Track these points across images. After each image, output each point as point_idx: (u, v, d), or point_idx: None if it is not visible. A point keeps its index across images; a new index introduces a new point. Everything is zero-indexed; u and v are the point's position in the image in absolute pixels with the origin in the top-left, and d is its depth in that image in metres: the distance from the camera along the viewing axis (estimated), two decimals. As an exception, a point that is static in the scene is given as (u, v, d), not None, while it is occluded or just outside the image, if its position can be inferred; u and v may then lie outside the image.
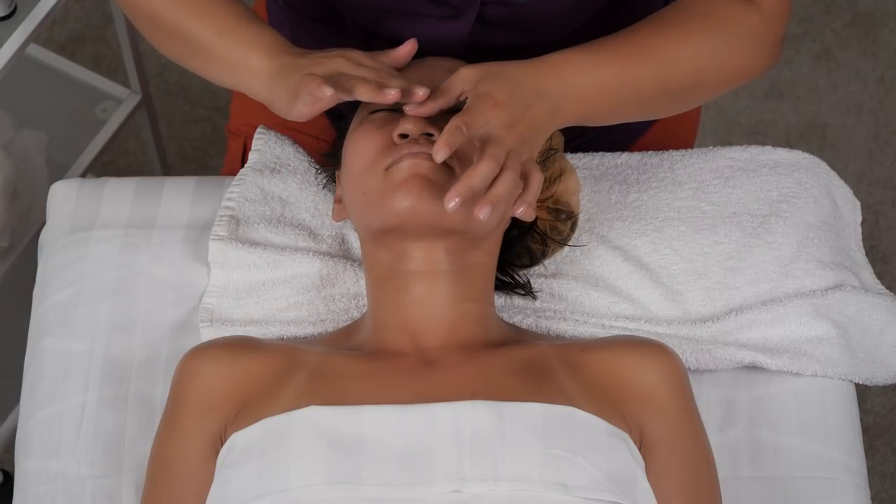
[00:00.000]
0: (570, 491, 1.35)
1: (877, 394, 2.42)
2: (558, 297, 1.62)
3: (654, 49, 1.46)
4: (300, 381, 1.43)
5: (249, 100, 1.66)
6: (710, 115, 2.62)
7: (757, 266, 1.63)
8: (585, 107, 1.43)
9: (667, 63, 1.47)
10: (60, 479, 1.54)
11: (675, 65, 1.47)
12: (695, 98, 1.54)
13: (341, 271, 1.61)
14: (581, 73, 1.43)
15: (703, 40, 1.48)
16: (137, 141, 2.57)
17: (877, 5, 2.71)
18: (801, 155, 1.71)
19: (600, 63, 1.44)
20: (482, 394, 1.40)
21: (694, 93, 1.51)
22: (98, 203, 1.69)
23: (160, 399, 1.56)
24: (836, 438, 1.59)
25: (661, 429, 1.44)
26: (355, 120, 1.49)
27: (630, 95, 1.46)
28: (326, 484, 1.35)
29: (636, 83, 1.46)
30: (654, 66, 1.46)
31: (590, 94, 1.43)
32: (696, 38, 1.48)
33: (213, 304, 1.60)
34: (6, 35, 1.78)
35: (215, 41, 1.48)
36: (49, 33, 2.63)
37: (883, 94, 2.64)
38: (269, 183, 1.66)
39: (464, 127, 1.34)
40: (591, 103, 1.44)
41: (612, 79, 1.44)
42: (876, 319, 1.63)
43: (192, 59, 1.51)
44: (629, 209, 1.67)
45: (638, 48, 1.46)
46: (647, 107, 1.50)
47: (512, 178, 1.35)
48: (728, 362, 1.60)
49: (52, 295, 1.65)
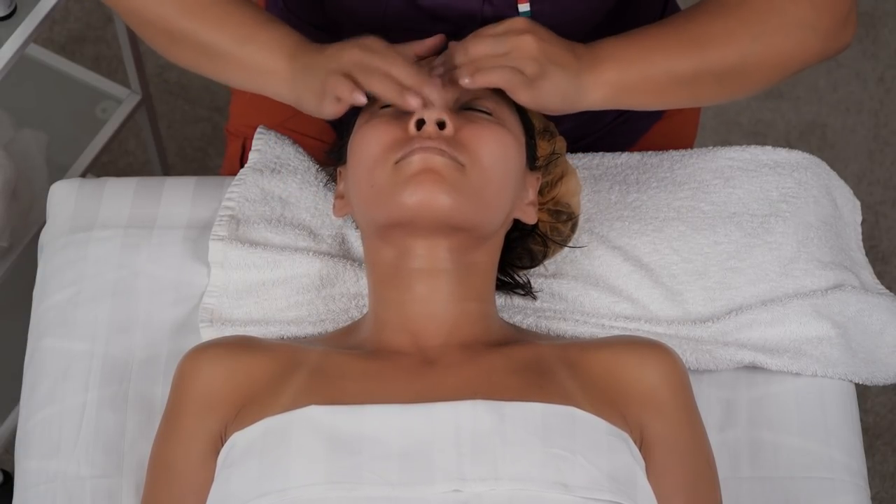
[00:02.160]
0: (571, 490, 1.35)
1: (877, 394, 2.42)
2: (558, 297, 1.62)
3: (686, 30, 1.47)
4: (300, 381, 1.43)
5: (249, 101, 1.67)
6: (710, 115, 2.62)
7: (757, 266, 1.64)
8: (617, 77, 1.45)
9: (701, 42, 1.47)
10: (60, 479, 1.54)
11: (711, 43, 1.47)
12: (745, 81, 1.52)
13: (341, 271, 1.61)
14: (605, 46, 1.46)
15: (737, 23, 1.48)
16: (137, 141, 2.57)
17: (877, 5, 2.71)
18: (801, 155, 1.71)
19: (630, 40, 1.47)
20: (483, 393, 1.40)
21: (741, 75, 1.50)
22: (98, 203, 1.69)
23: (160, 399, 1.56)
24: (836, 438, 1.59)
25: (661, 428, 1.44)
26: (364, 114, 1.49)
27: (667, 78, 1.47)
28: (326, 483, 1.35)
29: (669, 64, 1.46)
30: (687, 44, 1.47)
31: (612, 65, 1.45)
32: (731, 21, 1.48)
33: (213, 304, 1.60)
34: (6, 35, 1.78)
35: (235, 50, 1.49)
36: (49, 33, 2.64)
37: (883, 94, 2.64)
38: (269, 183, 1.66)
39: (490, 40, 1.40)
40: (620, 73, 1.46)
41: (640, 51, 1.46)
42: (876, 319, 1.63)
43: (211, 67, 1.52)
44: (629, 209, 1.67)
45: (671, 31, 1.47)
46: (690, 89, 1.49)
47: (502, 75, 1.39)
48: (728, 362, 1.60)
49: (52, 295, 1.65)
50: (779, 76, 1.52)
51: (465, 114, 1.45)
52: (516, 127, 1.48)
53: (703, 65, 1.47)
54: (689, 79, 1.48)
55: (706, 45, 1.47)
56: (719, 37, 1.47)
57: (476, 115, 1.45)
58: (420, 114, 1.41)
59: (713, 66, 1.48)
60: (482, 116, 1.45)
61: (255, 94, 1.81)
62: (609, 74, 1.45)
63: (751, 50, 1.48)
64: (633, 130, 1.82)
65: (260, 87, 1.49)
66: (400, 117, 1.44)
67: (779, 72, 1.51)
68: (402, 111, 1.44)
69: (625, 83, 1.46)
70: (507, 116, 1.47)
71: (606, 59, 1.45)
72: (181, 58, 1.54)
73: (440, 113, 1.41)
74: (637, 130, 1.82)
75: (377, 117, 1.46)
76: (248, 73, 1.50)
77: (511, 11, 1.56)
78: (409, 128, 1.42)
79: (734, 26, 1.48)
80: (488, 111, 1.46)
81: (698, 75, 1.48)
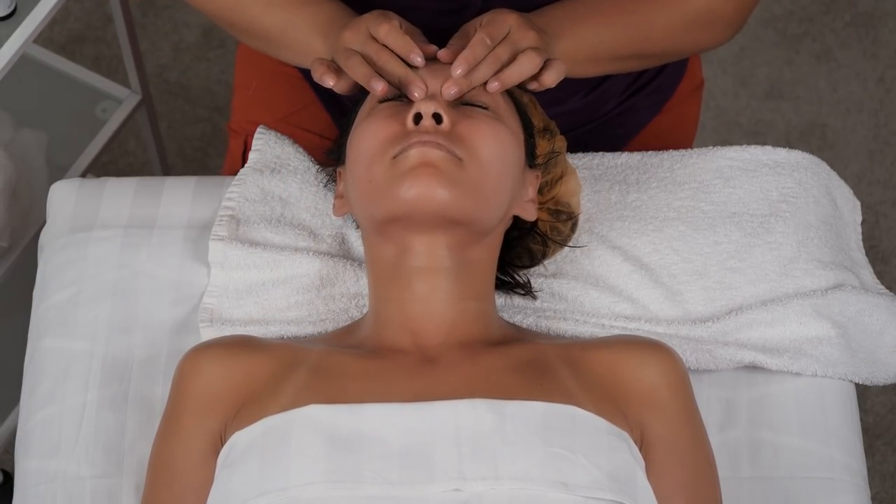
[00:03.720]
0: (571, 490, 1.35)
1: (877, 394, 2.42)
2: (558, 297, 1.62)
3: (635, 16, 1.56)
4: (300, 380, 1.43)
5: (250, 98, 1.68)
6: (710, 115, 2.62)
7: (757, 266, 1.63)
8: (571, 53, 1.52)
9: (645, 33, 1.57)
10: (60, 479, 1.54)
11: (652, 36, 1.58)
12: (657, 62, 1.68)
13: (341, 271, 1.61)
14: (565, 26, 1.53)
15: (677, 17, 1.58)
16: (137, 141, 2.57)
17: (877, 5, 2.71)
18: (801, 155, 1.71)
19: (584, 21, 1.54)
20: (483, 392, 1.40)
21: (660, 59, 1.66)
22: (98, 203, 1.69)
23: (160, 399, 1.56)
24: (836, 438, 1.59)
25: (661, 428, 1.44)
26: (362, 111, 1.49)
27: (606, 55, 1.56)
28: (327, 482, 1.35)
29: (614, 45, 1.56)
30: (634, 31, 1.57)
31: (571, 49, 1.52)
32: (673, 13, 1.58)
33: (213, 304, 1.60)
34: (6, 35, 1.78)
35: (283, 35, 1.56)
36: (49, 33, 2.63)
37: (883, 94, 2.64)
38: (269, 183, 1.66)
39: (487, 39, 1.43)
40: (574, 52, 1.53)
41: (592, 39, 1.54)
42: (876, 319, 1.63)
43: (275, 53, 1.60)
44: (629, 209, 1.67)
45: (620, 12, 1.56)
46: (619, 65, 1.61)
47: (528, 57, 1.43)
48: (728, 362, 1.60)
49: (52, 295, 1.64)
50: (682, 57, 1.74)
51: (462, 108, 1.45)
52: (514, 122, 1.49)
53: (640, 52, 1.59)
54: (624, 60, 1.60)
55: (648, 38, 1.58)
56: (659, 31, 1.59)
57: (473, 110, 1.45)
58: (417, 108, 1.42)
59: (647, 53, 1.60)
60: (480, 111, 1.45)
61: (257, 91, 1.82)
62: (565, 51, 1.52)
63: (681, 39, 1.61)
64: (633, 123, 1.82)
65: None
66: (397, 113, 1.44)
67: (684, 56, 1.72)
68: (399, 107, 1.45)
69: (575, 61, 1.53)
70: (504, 111, 1.47)
71: (564, 37, 1.52)
72: (256, 47, 1.63)
73: (437, 107, 1.41)
74: (637, 123, 1.83)
75: (375, 113, 1.46)
76: (300, 56, 1.56)
77: None
78: (406, 122, 1.42)
79: (675, 19, 1.58)
80: (485, 106, 1.46)
81: (633, 59, 1.60)
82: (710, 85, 2.62)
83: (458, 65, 1.43)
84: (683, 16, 1.58)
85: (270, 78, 1.81)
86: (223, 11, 1.60)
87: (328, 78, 1.46)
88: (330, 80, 1.46)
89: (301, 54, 1.55)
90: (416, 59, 1.44)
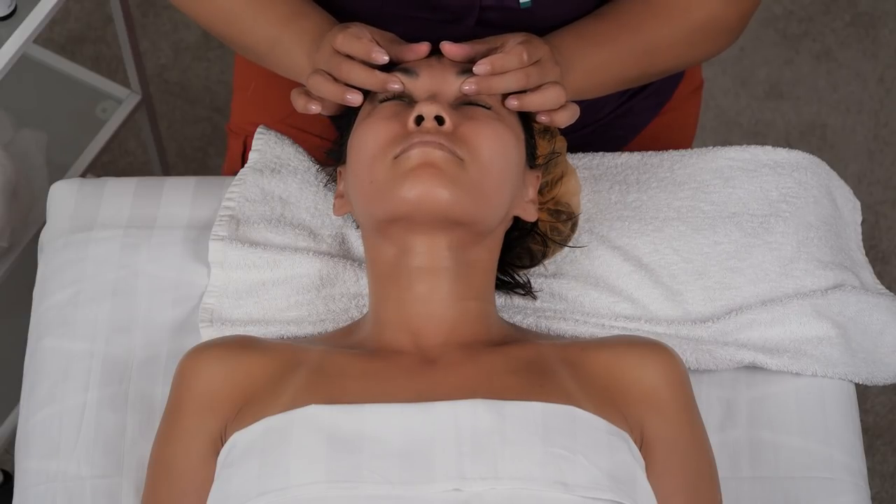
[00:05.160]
0: (571, 490, 1.35)
1: (877, 394, 2.42)
2: (558, 297, 1.62)
3: (641, 36, 1.56)
4: (301, 380, 1.43)
5: (249, 99, 1.68)
6: (710, 115, 2.62)
7: (757, 266, 1.63)
8: (579, 84, 1.52)
9: (650, 54, 1.57)
10: (60, 479, 1.54)
11: (657, 53, 1.58)
12: (659, 77, 1.66)
13: (341, 271, 1.61)
14: (576, 55, 1.52)
15: (681, 31, 1.58)
16: (137, 141, 2.57)
17: (877, 5, 2.71)
18: (801, 155, 1.71)
19: (593, 48, 1.54)
20: (483, 392, 1.40)
21: (662, 75, 1.65)
22: (98, 203, 1.69)
23: (160, 399, 1.56)
24: (836, 438, 1.59)
25: (661, 428, 1.44)
26: (363, 111, 1.49)
27: (615, 78, 1.57)
28: (327, 482, 1.35)
29: (622, 70, 1.56)
30: (640, 53, 1.56)
31: (579, 80, 1.52)
32: (677, 28, 1.58)
33: (213, 304, 1.60)
34: (6, 35, 1.78)
35: (271, 53, 1.56)
36: (49, 33, 2.64)
37: (883, 94, 2.64)
38: (269, 183, 1.66)
39: (525, 55, 1.43)
40: (582, 82, 1.53)
41: (599, 68, 1.54)
42: (876, 319, 1.63)
43: (269, 67, 1.59)
44: (629, 209, 1.67)
45: (626, 34, 1.56)
46: (624, 87, 1.62)
47: (555, 92, 1.44)
48: (728, 362, 1.60)
49: (52, 295, 1.65)
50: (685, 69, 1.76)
51: (464, 109, 1.45)
52: (515, 123, 1.49)
53: (646, 72, 1.59)
54: (630, 81, 1.61)
55: (654, 57, 1.58)
56: (665, 49, 1.58)
57: (475, 111, 1.45)
58: (419, 110, 1.42)
59: (652, 72, 1.61)
60: (481, 111, 1.45)
61: (256, 92, 1.82)
62: (573, 83, 1.51)
63: (687, 55, 1.61)
64: (633, 125, 1.82)
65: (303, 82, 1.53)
66: (399, 113, 1.44)
67: (689, 68, 1.74)
68: (401, 106, 1.45)
69: (581, 90, 1.54)
70: (506, 112, 1.47)
71: (574, 69, 1.51)
72: (247, 58, 1.63)
73: (440, 110, 1.41)
74: (636, 124, 1.83)
75: (376, 113, 1.46)
76: (289, 74, 1.56)
77: (511, 1, 1.56)
78: (407, 123, 1.42)
79: (680, 37, 1.58)
80: (488, 106, 1.46)
81: (639, 79, 1.61)
82: (710, 85, 2.62)
83: (484, 64, 1.43)
84: (687, 28, 1.57)
85: (269, 79, 1.81)
86: (214, 25, 1.60)
87: (311, 106, 1.47)
88: (314, 107, 1.47)
89: (290, 72, 1.55)
90: (378, 58, 1.44)
